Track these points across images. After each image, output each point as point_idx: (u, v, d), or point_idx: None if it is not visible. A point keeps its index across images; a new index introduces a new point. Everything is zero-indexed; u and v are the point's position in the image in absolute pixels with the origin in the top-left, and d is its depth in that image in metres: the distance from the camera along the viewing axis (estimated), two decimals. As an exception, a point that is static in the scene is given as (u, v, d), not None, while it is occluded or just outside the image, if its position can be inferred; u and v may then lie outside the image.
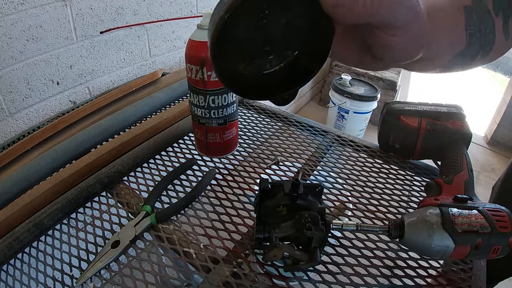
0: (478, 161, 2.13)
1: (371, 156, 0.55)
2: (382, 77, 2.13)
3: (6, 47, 0.60)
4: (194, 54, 0.40)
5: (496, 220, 0.32)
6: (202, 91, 0.43)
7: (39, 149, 0.59)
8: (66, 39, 0.70)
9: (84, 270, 0.35)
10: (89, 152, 0.52)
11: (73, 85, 0.75)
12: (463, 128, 0.47)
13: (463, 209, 0.33)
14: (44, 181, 0.47)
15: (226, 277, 0.34)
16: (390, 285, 0.34)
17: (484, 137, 2.45)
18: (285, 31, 0.20)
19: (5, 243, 0.38)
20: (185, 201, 0.43)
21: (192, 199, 0.43)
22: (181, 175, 0.48)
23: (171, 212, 0.41)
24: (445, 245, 0.31)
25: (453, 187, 0.39)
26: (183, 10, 0.98)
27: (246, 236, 0.39)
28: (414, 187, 0.49)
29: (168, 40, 0.97)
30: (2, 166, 0.56)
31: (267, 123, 0.64)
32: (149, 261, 0.36)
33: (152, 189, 0.44)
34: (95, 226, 0.41)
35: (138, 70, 0.90)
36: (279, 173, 0.50)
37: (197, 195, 0.44)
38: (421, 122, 0.49)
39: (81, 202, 0.44)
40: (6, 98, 0.64)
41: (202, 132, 0.47)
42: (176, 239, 0.38)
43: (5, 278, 0.37)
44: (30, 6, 0.61)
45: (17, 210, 0.41)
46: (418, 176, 0.51)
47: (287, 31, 0.20)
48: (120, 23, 0.80)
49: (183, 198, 0.43)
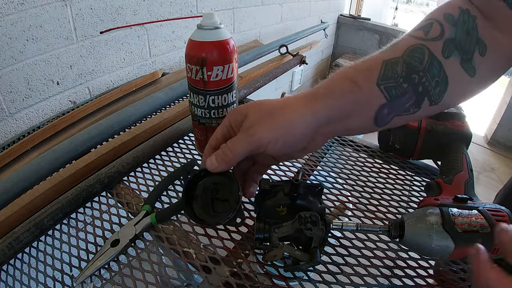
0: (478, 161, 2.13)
1: (371, 156, 0.55)
2: (382, 77, 2.13)
3: (6, 47, 0.60)
4: (194, 54, 0.40)
5: (496, 220, 0.32)
6: (202, 91, 0.43)
7: (39, 149, 0.59)
8: (66, 39, 0.70)
9: (83, 268, 0.35)
10: (89, 152, 0.52)
11: (73, 85, 0.75)
12: (463, 128, 0.47)
13: (463, 209, 0.33)
14: (44, 181, 0.47)
15: (226, 277, 0.34)
16: (390, 285, 0.34)
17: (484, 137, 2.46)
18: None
19: (5, 243, 0.38)
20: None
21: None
22: (181, 175, 0.48)
23: (171, 212, 0.41)
24: (445, 245, 0.31)
25: (453, 187, 0.39)
26: (183, 10, 0.98)
27: (246, 236, 0.39)
28: (414, 187, 0.49)
29: (168, 40, 0.97)
30: (2, 166, 0.56)
31: (267, 123, 0.64)
32: (149, 261, 0.36)
33: (152, 189, 0.44)
34: (95, 226, 0.41)
35: (138, 70, 0.90)
36: (279, 173, 0.50)
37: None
38: (421, 122, 0.49)
39: (81, 202, 0.44)
40: (6, 98, 0.64)
41: (202, 132, 0.47)
42: (176, 239, 0.38)
43: (5, 278, 0.37)
44: (30, 6, 0.61)
45: (17, 210, 0.41)
46: (418, 176, 0.51)
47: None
48: (120, 23, 0.80)
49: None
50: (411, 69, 0.29)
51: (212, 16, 0.40)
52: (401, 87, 0.29)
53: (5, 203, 0.43)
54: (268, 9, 1.47)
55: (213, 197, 0.37)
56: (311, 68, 2.35)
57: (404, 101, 0.29)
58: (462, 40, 0.29)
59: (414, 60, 0.29)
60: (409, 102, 0.29)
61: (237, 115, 0.32)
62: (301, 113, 0.29)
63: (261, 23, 1.46)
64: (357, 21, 2.44)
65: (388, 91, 0.29)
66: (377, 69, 0.29)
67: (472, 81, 0.30)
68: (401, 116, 0.30)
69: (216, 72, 0.41)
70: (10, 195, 0.44)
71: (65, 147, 0.51)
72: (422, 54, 0.29)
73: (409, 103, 0.30)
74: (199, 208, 0.37)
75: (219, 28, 0.41)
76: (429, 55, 0.29)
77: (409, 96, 0.29)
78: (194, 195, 0.37)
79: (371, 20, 2.44)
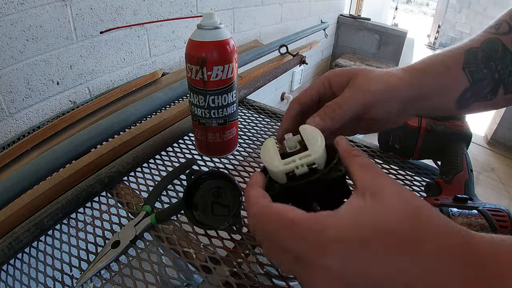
0: (478, 161, 2.13)
1: (371, 156, 0.55)
2: (382, 77, 2.13)
3: (6, 47, 0.60)
4: (194, 54, 0.40)
5: (496, 220, 0.32)
6: (202, 91, 0.43)
7: (39, 149, 0.59)
8: (66, 39, 0.70)
9: (84, 270, 0.35)
10: (89, 152, 0.52)
11: (73, 85, 0.75)
12: (463, 128, 0.47)
13: (463, 209, 0.33)
14: (44, 181, 0.47)
15: (226, 277, 0.34)
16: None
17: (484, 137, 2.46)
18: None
19: (5, 243, 0.38)
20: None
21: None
22: (181, 175, 0.48)
23: (171, 212, 0.41)
24: (445, 245, 0.31)
25: (453, 187, 0.39)
26: (183, 10, 0.98)
27: (246, 236, 0.39)
28: (414, 187, 0.49)
29: (168, 40, 0.97)
30: (2, 166, 0.56)
31: (267, 123, 0.64)
32: (149, 261, 0.36)
33: (152, 189, 0.44)
34: (95, 226, 0.41)
35: (138, 70, 0.90)
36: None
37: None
38: (421, 122, 0.49)
39: (81, 202, 0.44)
40: (6, 98, 0.64)
41: (202, 132, 0.47)
42: (176, 239, 0.38)
43: (5, 278, 0.37)
44: (30, 6, 0.61)
45: (17, 210, 0.41)
46: (418, 176, 0.51)
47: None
48: (120, 23, 0.80)
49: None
50: (489, 57, 0.32)
51: (212, 16, 0.40)
52: (482, 72, 0.32)
53: (5, 203, 0.43)
54: (268, 9, 1.47)
55: (214, 200, 0.37)
56: (311, 68, 2.35)
57: (483, 87, 0.32)
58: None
59: (490, 50, 0.32)
60: (487, 88, 0.32)
61: (339, 77, 0.33)
62: (403, 80, 0.32)
63: (261, 23, 1.46)
64: (357, 21, 2.44)
65: (471, 75, 0.32)
66: (461, 56, 0.32)
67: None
68: (480, 102, 0.33)
69: (216, 72, 0.41)
70: (10, 195, 0.44)
71: (65, 147, 0.51)
72: (496, 45, 0.32)
73: (487, 89, 0.32)
74: (199, 211, 0.37)
75: (219, 28, 0.41)
76: (502, 46, 0.32)
77: (488, 82, 0.32)
78: (195, 197, 0.37)
79: (371, 20, 2.44)
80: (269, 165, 0.25)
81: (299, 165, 0.24)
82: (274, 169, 0.25)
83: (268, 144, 0.27)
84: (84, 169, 0.48)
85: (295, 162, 0.24)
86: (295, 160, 0.24)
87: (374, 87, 0.31)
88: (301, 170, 0.24)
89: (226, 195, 0.37)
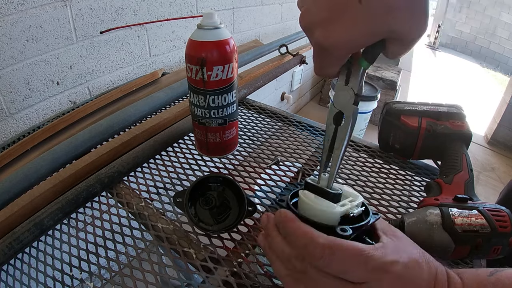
0: (478, 161, 2.13)
1: (371, 156, 0.55)
2: (382, 77, 2.13)
3: (6, 47, 0.60)
4: (194, 54, 0.40)
5: (496, 220, 0.32)
6: (202, 91, 0.43)
7: (39, 149, 0.59)
8: (66, 39, 0.70)
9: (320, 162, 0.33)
10: (89, 152, 0.52)
11: (73, 85, 0.75)
12: (463, 128, 0.47)
13: (463, 209, 0.33)
14: (44, 181, 0.47)
15: (226, 277, 0.34)
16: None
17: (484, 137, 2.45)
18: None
19: (5, 243, 0.38)
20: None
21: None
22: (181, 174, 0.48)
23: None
24: (445, 245, 0.31)
25: (453, 187, 0.39)
26: (183, 10, 0.98)
27: (246, 236, 0.39)
28: (414, 187, 0.49)
29: (168, 40, 0.97)
30: (2, 166, 0.56)
31: (267, 123, 0.64)
32: (149, 261, 0.36)
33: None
34: (95, 226, 0.41)
35: (138, 70, 0.90)
36: (279, 173, 0.50)
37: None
38: (421, 122, 0.49)
39: (81, 202, 0.44)
40: (6, 98, 0.64)
41: (202, 132, 0.47)
42: (176, 239, 0.38)
43: (5, 278, 0.37)
44: (30, 6, 0.61)
45: (17, 210, 0.41)
46: (418, 176, 0.51)
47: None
48: (120, 23, 0.80)
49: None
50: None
51: (212, 16, 0.40)
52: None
53: (5, 203, 0.43)
54: (268, 9, 1.47)
55: (219, 204, 0.39)
56: (311, 68, 2.35)
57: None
58: None
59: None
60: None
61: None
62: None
63: (261, 23, 1.46)
64: (357, 21, 2.43)
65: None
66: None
67: None
68: None
69: (216, 72, 0.41)
70: (10, 195, 0.44)
71: (65, 147, 0.51)
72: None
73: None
74: (202, 210, 0.38)
75: (219, 28, 0.41)
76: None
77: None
78: (203, 196, 0.40)
79: (371, 20, 2.44)
80: (326, 209, 0.27)
81: (352, 207, 0.27)
82: (332, 212, 0.27)
83: (306, 193, 0.29)
84: (84, 169, 0.48)
85: (347, 206, 0.27)
86: (346, 204, 0.27)
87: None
88: (357, 211, 0.27)
89: (233, 202, 0.40)
